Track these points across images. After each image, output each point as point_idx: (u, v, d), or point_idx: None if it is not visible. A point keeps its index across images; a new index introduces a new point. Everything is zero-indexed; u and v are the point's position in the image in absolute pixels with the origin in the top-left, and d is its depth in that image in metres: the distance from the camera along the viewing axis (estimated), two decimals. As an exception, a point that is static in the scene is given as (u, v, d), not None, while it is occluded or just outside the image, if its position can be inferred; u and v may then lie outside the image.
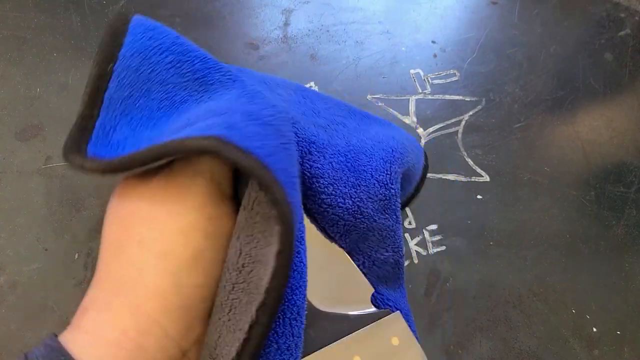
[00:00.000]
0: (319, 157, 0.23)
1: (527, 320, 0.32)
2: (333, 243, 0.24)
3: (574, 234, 0.34)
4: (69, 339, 0.18)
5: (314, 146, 0.24)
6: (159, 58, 0.22)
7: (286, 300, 0.20)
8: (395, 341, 0.21)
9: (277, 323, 0.20)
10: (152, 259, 0.19)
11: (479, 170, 0.36)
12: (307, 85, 0.37)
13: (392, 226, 0.25)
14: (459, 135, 0.38)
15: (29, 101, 0.36)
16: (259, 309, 0.17)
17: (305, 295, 0.20)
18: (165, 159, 0.19)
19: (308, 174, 0.23)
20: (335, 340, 0.21)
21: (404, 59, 0.41)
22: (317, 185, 0.23)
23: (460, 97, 0.39)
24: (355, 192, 0.23)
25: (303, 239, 0.21)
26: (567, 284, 0.33)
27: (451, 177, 0.36)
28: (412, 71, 0.40)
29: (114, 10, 0.40)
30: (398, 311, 0.22)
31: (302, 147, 0.23)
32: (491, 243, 0.34)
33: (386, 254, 0.25)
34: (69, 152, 0.21)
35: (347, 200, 0.23)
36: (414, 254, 0.33)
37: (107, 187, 0.31)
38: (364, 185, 0.23)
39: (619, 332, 0.31)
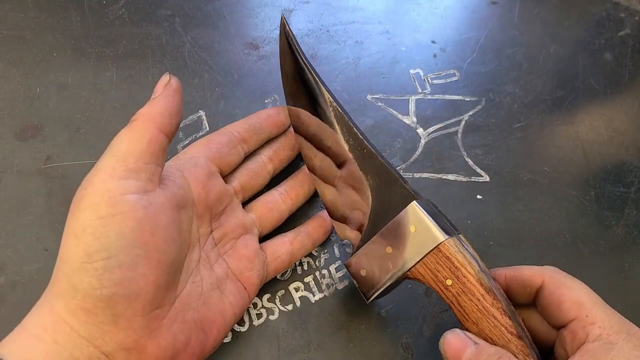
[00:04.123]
0: None
1: (527, 320, 0.32)
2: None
3: (574, 234, 0.34)
4: (14, 331, 0.21)
5: None
6: None
7: None
8: (412, 228, 0.26)
9: None
10: (58, 260, 0.21)
11: (479, 170, 0.36)
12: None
13: None
14: (459, 135, 0.38)
15: (29, 101, 0.36)
16: None
17: None
18: None
19: None
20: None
21: (403, 59, 0.41)
22: None
23: (460, 97, 0.39)
24: None
25: None
26: (567, 284, 0.33)
27: (451, 177, 0.36)
28: (412, 71, 0.40)
29: (114, 10, 0.40)
30: (412, 202, 0.26)
31: None
32: (491, 243, 0.34)
33: None
34: None
35: None
36: (413, 254, 0.33)
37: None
38: None
39: (618, 332, 0.31)
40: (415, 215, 0.26)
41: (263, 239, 0.31)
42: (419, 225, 0.25)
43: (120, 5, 0.41)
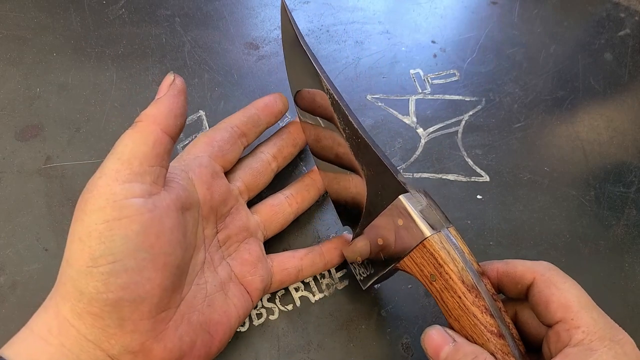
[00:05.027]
0: None
1: (527, 320, 0.32)
2: None
3: (574, 234, 0.34)
4: (20, 333, 0.21)
5: None
6: None
7: None
8: (400, 222, 0.25)
9: None
10: (63, 263, 0.21)
11: (478, 170, 0.36)
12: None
13: None
14: (459, 135, 0.38)
15: (29, 101, 0.36)
16: None
17: None
18: None
19: None
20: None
21: (403, 59, 0.41)
22: None
23: (460, 97, 0.39)
24: None
25: None
26: (567, 284, 0.32)
27: (451, 177, 0.36)
28: (412, 71, 0.40)
29: (114, 10, 0.40)
30: (399, 196, 0.26)
31: None
32: (491, 243, 0.34)
33: None
34: None
35: None
36: (413, 254, 0.33)
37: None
38: None
39: (618, 332, 0.31)
40: (403, 209, 0.25)
41: (270, 245, 0.31)
42: (406, 220, 0.25)
43: (120, 5, 0.41)
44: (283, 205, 0.31)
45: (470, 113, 0.39)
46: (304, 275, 0.30)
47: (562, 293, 0.23)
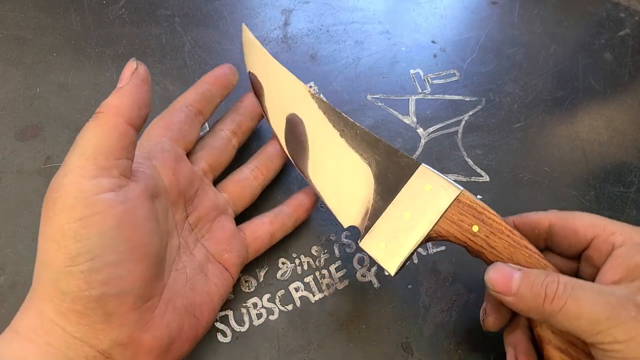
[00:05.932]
0: None
1: (527, 320, 0.32)
2: None
3: (574, 234, 0.34)
4: (4, 335, 0.21)
5: None
6: None
7: None
8: (428, 188, 0.26)
9: None
10: (38, 265, 0.21)
11: (479, 170, 0.36)
12: (307, 85, 0.38)
13: None
14: (459, 135, 0.38)
15: (28, 101, 0.36)
16: None
17: None
18: None
19: None
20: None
21: (403, 59, 0.41)
22: None
23: (460, 97, 0.39)
24: None
25: None
26: (567, 284, 0.32)
27: (451, 177, 0.36)
28: (412, 71, 0.40)
29: (114, 10, 0.40)
30: (421, 165, 0.27)
31: None
32: (491, 243, 0.34)
33: None
34: None
35: None
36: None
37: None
38: None
39: (618, 332, 0.31)
40: (427, 175, 0.27)
41: (240, 217, 0.31)
42: (435, 183, 0.26)
43: (120, 5, 0.41)
44: (249, 179, 0.31)
45: (470, 113, 0.39)
46: (277, 238, 0.31)
47: (583, 219, 0.25)
